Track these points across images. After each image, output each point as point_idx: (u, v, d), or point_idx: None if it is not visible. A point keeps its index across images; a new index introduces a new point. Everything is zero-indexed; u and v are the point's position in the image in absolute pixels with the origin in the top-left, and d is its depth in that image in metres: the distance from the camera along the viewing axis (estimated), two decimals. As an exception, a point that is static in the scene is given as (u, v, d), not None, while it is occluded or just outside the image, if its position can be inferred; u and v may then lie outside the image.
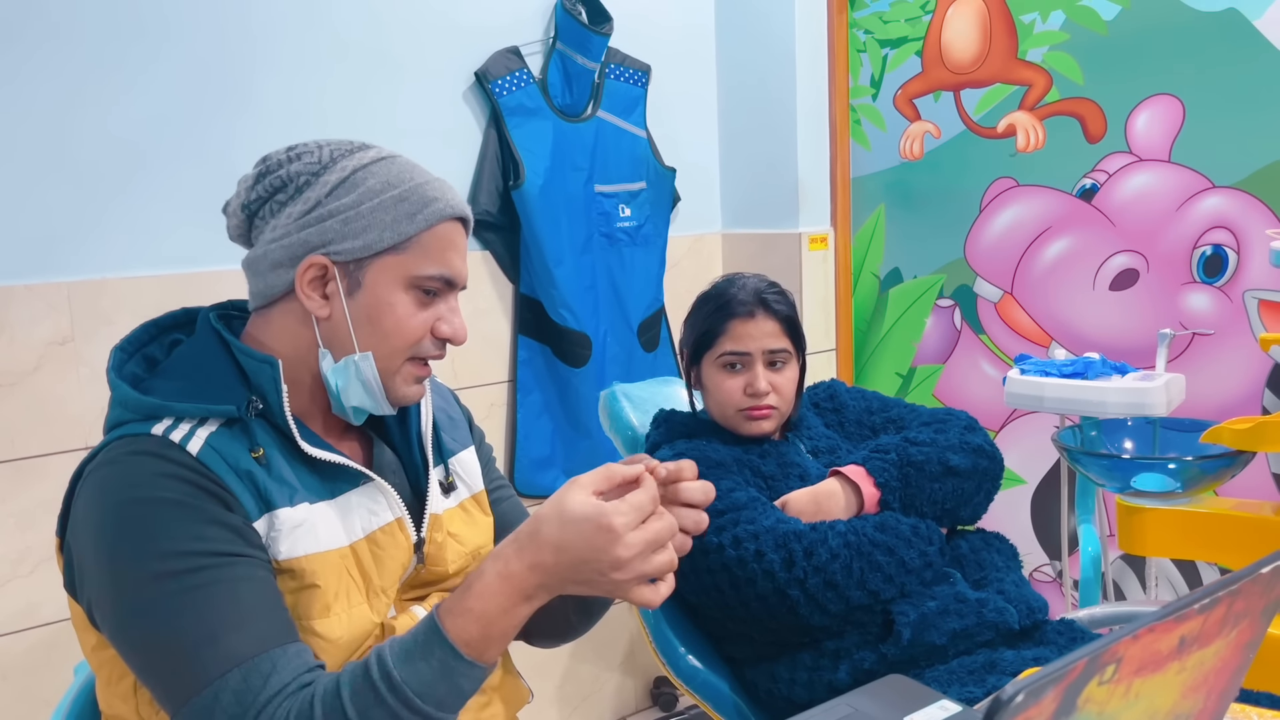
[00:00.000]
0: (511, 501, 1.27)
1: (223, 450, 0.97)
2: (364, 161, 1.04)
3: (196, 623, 0.90)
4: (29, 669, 1.81)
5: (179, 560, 0.91)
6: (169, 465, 0.94)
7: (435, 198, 1.04)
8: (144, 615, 0.91)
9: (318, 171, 1.03)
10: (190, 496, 0.93)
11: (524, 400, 2.44)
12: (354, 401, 1.05)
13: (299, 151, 1.05)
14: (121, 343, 1.06)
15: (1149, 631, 0.56)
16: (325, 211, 1.02)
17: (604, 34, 2.41)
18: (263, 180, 1.04)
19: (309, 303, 1.03)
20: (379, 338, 1.04)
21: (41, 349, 1.80)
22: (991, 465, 1.58)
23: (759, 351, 1.55)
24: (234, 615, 0.91)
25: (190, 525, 0.92)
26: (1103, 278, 2.32)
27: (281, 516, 0.97)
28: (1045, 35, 2.35)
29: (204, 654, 0.89)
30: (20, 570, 1.80)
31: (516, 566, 0.93)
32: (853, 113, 2.72)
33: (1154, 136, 2.22)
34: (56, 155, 1.81)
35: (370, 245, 1.02)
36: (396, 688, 0.89)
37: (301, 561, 0.98)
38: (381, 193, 1.02)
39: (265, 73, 2.02)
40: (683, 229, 2.74)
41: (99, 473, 0.96)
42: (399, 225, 1.02)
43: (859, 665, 1.38)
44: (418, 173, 1.06)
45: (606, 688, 2.68)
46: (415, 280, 1.04)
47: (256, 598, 0.93)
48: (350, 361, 1.04)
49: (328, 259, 1.02)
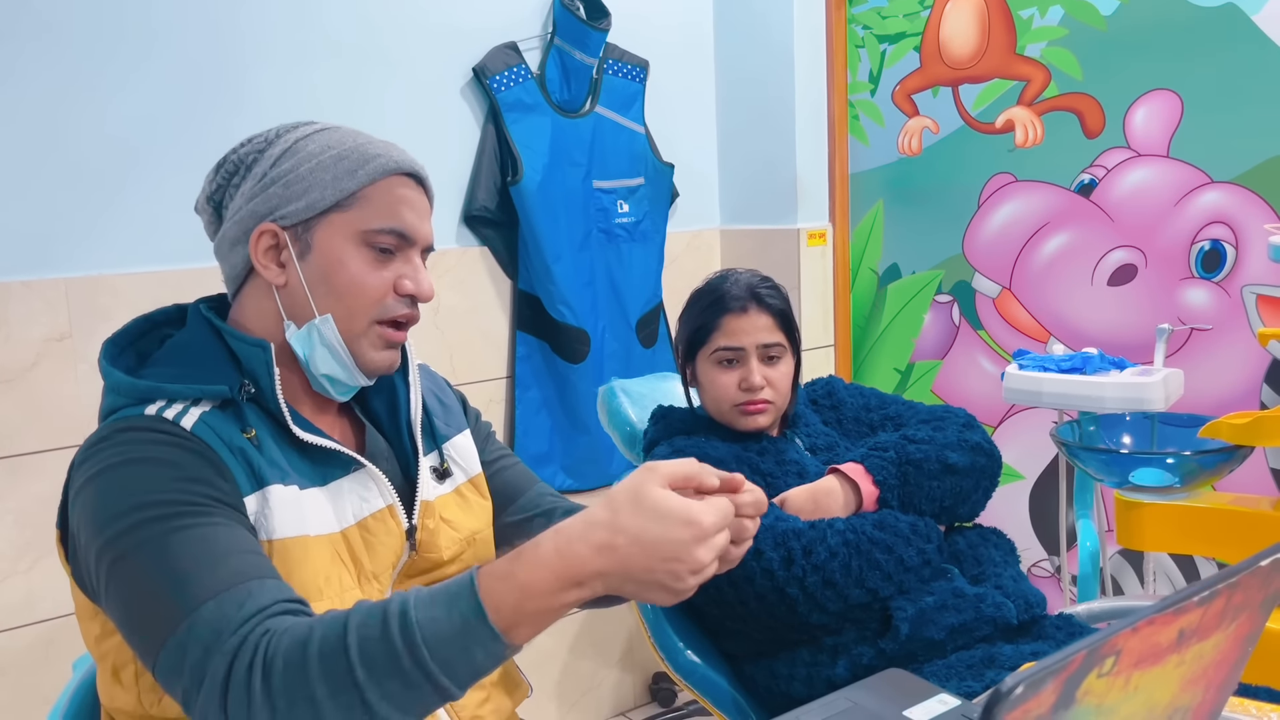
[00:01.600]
0: (515, 470, 1.25)
1: (217, 427, 0.97)
2: (306, 132, 1.06)
3: (171, 564, 0.88)
4: (27, 665, 1.81)
5: (158, 508, 0.90)
6: (162, 435, 0.95)
7: (377, 154, 1.05)
8: (122, 563, 0.89)
9: (263, 148, 1.05)
10: (179, 458, 0.93)
11: (522, 396, 2.44)
12: (323, 369, 1.04)
13: (249, 138, 1.08)
14: (113, 336, 1.06)
15: (1148, 624, 0.56)
16: (268, 179, 1.03)
17: (602, 29, 2.41)
18: (220, 169, 1.07)
19: (266, 272, 1.04)
20: (335, 298, 1.03)
21: (39, 345, 1.80)
22: (990, 463, 1.59)
23: (753, 346, 1.55)
24: (208, 556, 0.88)
25: (174, 481, 0.92)
26: (1101, 273, 2.32)
27: (274, 493, 0.97)
28: (1043, 30, 2.34)
29: (177, 592, 0.86)
30: (19, 566, 1.80)
31: (581, 547, 0.83)
32: (851, 108, 2.72)
33: (1152, 132, 2.22)
34: (53, 152, 1.80)
35: (314, 204, 1.02)
36: (409, 627, 0.81)
37: (291, 543, 0.97)
38: (320, 154, 1.04)
39: (262, 68, 2.02)
40: (681, 225, 2.74)
41: (91, 449, 0.96)
42: (339, 182, 1.03)
43: (857, 661, 1.38)
44: (361, 136, 1.07)
45: (605, 683, 2.69)
46: (365, 236, 1.04)
47: (232, 541, 0.91)
48: (312, 326, 1.03)
49: (276, 225, 1.03)
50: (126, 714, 1.01)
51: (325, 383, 1.06)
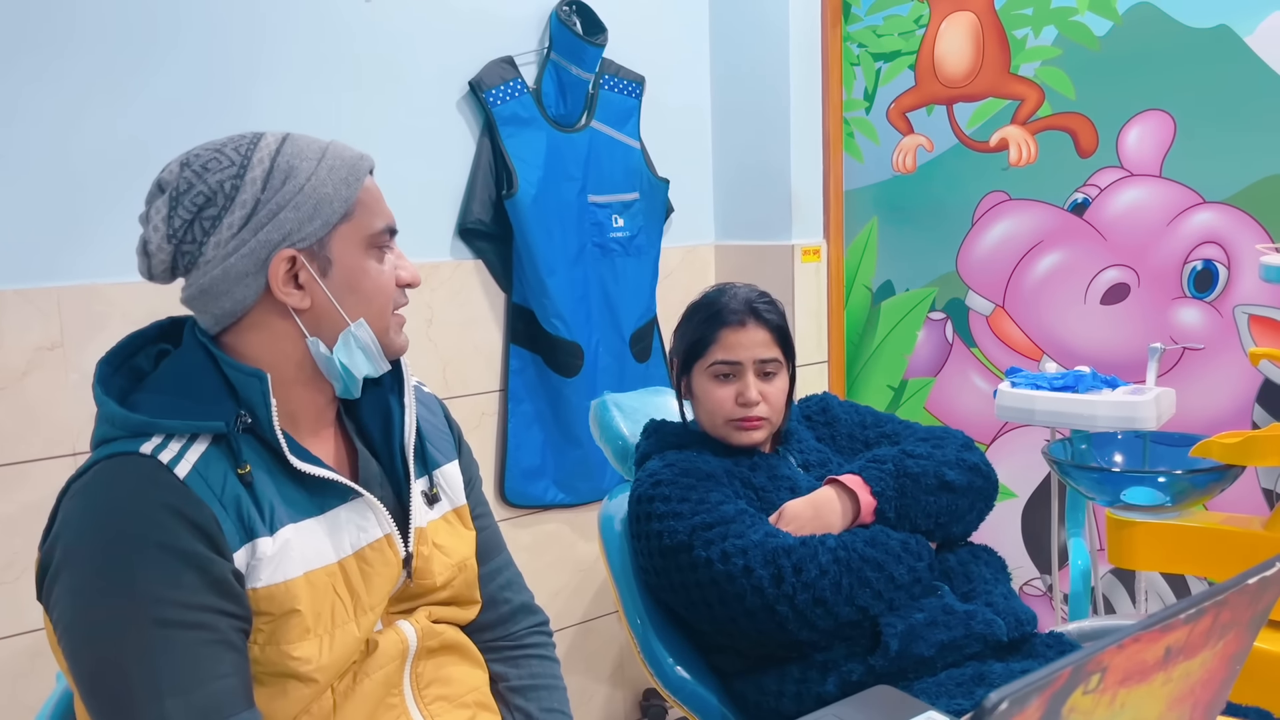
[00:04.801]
0: (486, 535, 1.25)
1: (209, 477, 0.96)
2: (273, 147, 1.03)
3: (147, 677, 0.90)
4: (14, 675, 1.80)
5: (148, 607, 0.91)
6: (157, 493, 0.93)
7: (351, 155, 1.06)
8: (99, 655, 0.92)
9: (238, 174, 1.01)
10: (173, 536, 0.92)
11: (515, 410, 2.44)
12: (363, 371, 1.07)
13: (202, 163, 1.01)
14: (107, 355, 1.05)
15: (1134, 641, 0.56)
16: (273, 206, 1.01)
17: (598, 45, 2.42)
18: (180, 203, 1.00)
19: (288, 298, 1.02)
20: (364, 303, 1.06)
21: (30, 354, 1.80)
22: (986, 485, 1.58)
23: (750, 361, 1.55)
24: (184, 679, 0.91)
25: (167, 570, 0.92)
26: (1094, 292, 2.33)
27: (262, 546, 0.97)
28: (1037, 50, 2.36)
29: (147, 712, 0.90)
30: (6, 576, 1.79)
31: None
32: (846, 125, 2.73)
33: (1145, 152, 2.23)
34: (50, 161, 1.80)
35: (328, 221, 1.03)
36: None
37: (281, 587, 0.97)
38: (314, 170, 1.03)
39: (259, 83, 2.02)
40: (676, 240, 2.74)
41: (85, 494, 0.95)
42: (340, 192, 1.03)
43: (847, 677, 1.38)
44: (318, 140, 1.06)
45: (596, 699, 2.67)
46: (371, 239, 1.06)
47: (212, 663, 0.93)
48: (348, 334, 1.05)
49: (294, 249, 1.02)
50: None
51: (353, 385, 1.08)
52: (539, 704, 1.25)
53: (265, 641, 0.98)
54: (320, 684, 1.00)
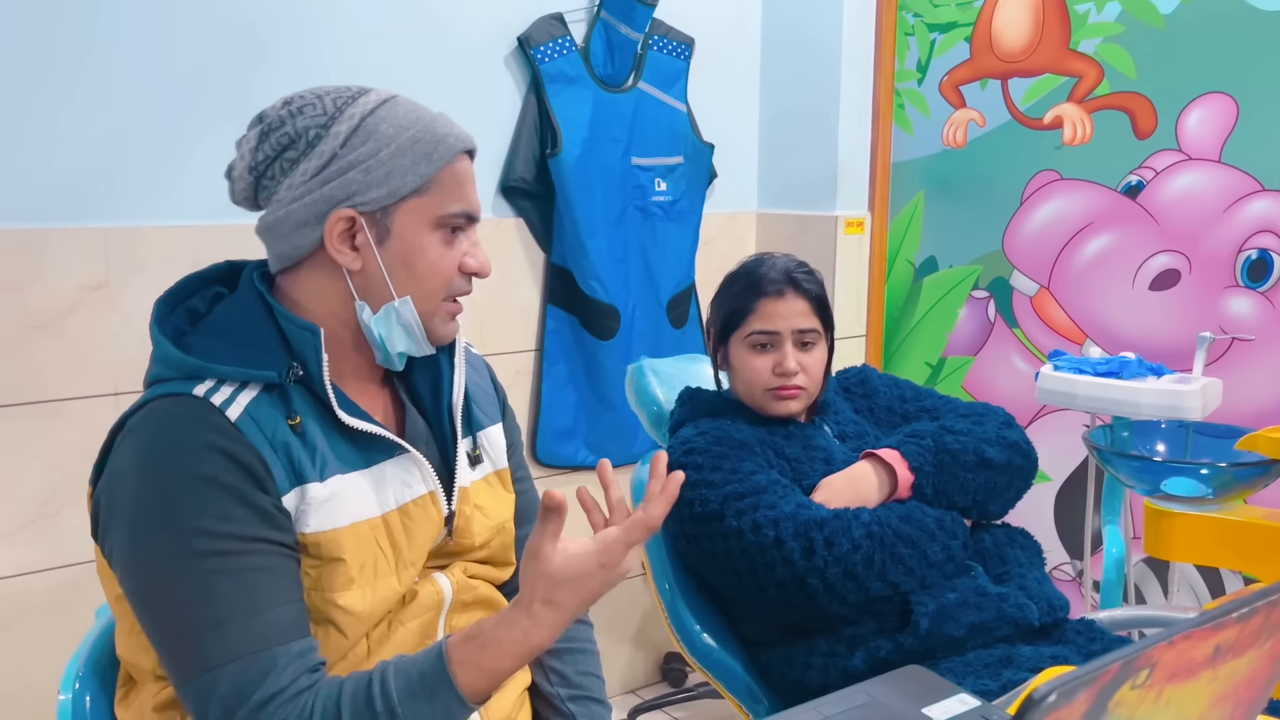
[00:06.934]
0: (527, 497, 1.27)
1: (260, 420, 0.97)
2: (369, 107, 1.02)
3: (206, 607, 0.92)
4: (51, 608, 1.83)
5: (202, 540, 0.92)
6: (208, 433, 0.95)
7: (446, 134, 1.04)
8: (159, 588, 0.93)
9: (325, 124, 1.01)
10: (224, 471, 0.94)
11: (549, 370, 2.44)
12: (399, 348, 1.06)
13: (299, 105, 1.02)
14: (165, 295, 1.06)
15: (1185, 638, 0.55)
16: (345, 164, 1.00)
17: (649, 4, 2.38)
18: (268, 139, 1.02)
19: (340, 257, 1.02)
20: (415, 281, 1.04)
21: (75, 293, 1.81)
22: (1026, 463, 1.57)
23: (788, 331, 1.54)
24: (243, 605, 0.92)
25: (219, 504, 0.93)
26: (1143, 277, 2.29)
27: (312, 491, 0.98)
28: (1099, 26, 2.30)
29: (208, 640, 0.92)
30: (46, 510, 1.82)
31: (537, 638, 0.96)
32: (897, 97, 2.69)
33: (1205, 135, 2.17)
34: (98, 103, 1.81)
35: (395, 191, 1.01)
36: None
37: (328, 535, 0.98)
38: (396, 137, 1.01)
39: (310, 32, 2.01)
40: (718, 206, 2.72)
41: (139, 431, 0.97)
42: (418, 167, 1.02)
43: (875, 654, 1.37)
44: (422, 111, 1.05)
45: (618, 660, 2.69)
46: (441, 220, 1.04)
47: (269, 588, 0.94)
48: (390, 308, 1.04)
49: (355, 211, 1.01)
50: (144, 672, 1.02)
51: (395, 359, 1.07)
52: (574, 666, 1.26)
53: (311, 586, 0.99)
54: (357, 633, 1.01)
